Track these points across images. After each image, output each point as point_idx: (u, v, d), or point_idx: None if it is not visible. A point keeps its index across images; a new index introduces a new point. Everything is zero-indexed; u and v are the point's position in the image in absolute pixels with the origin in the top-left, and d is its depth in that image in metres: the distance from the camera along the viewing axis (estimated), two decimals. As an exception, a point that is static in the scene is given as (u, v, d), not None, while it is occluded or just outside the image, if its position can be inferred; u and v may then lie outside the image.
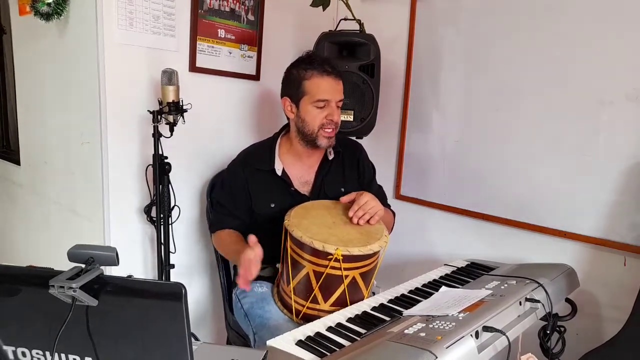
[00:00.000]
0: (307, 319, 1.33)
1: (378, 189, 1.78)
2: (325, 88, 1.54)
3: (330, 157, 1.68)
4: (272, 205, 1.60)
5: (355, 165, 1.73)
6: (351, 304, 1.32)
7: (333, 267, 1.28)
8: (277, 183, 1.62)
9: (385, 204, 1.75)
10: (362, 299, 1.36)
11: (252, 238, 1.39)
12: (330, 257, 1.26)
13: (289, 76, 1.61)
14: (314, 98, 1.54)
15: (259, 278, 1.60)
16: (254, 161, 1.65)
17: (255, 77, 2.08)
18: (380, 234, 1.37)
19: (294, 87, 1.57)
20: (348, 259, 1.27)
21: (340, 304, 1.33)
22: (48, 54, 1.96)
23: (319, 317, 1.28)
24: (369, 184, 1.75)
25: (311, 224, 1.35)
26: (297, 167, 1.65)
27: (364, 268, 1.32)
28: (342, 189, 1.65)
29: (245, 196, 1.62)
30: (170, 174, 1.70)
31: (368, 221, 1.42)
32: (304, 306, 1.35)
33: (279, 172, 1.61)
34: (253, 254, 1.35)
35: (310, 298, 1.33)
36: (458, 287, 1.40)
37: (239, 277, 1.36)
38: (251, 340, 1.47)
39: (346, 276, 1.30)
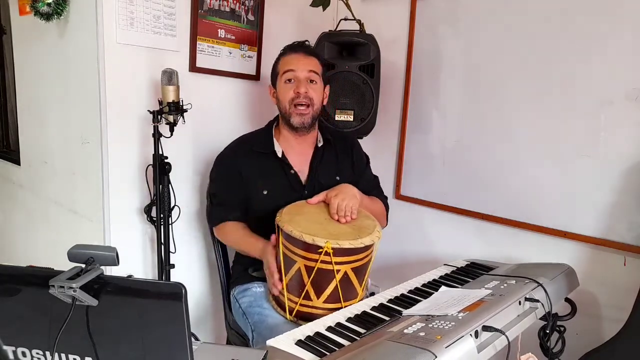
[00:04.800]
0: (301, 316, 1.34)
1: (372, 179, 1.79)
2: (291, 61, 1.59)
3: (320, 144, 1.68)
4: (265, 192, 1.59)
5: (350, 154, 1.73)
6: (345, 301, 1.32)
7: (324, 262, 1.28)
8: (275, 166, 1.62)
9: (379, 193, 1.77)
10: (356, 297, 1.36)
11: (274, 239, 1.43)
12: (321, 250, 1.26)
13: (272, 68, 1.68)
14: (282, 72, 1.59)
15: (256, 279, 1.60)
16: (253, 144, 1.65)
17: (255, 77, 2.09)
18: (372, 228, 1.37)
19: (273, 73, 1.65)
20: (339, 252, 1.28)
21: (334, 300, 1.32)
22: (48, 54, 1.95)
23: (312, 314, 1.29)
24: (362, 173, 1.74)
25: (302, 220, 1.36)
26: (291, 157, 1.65)
27: (355, 263, 1.32)
28: (337, 178, 1.66)
29: (239, 183, 1.62)
30: (170, 174, 1.71)
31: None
32: (296, 303, 1.35)
33: (279, 154, 1.62)
34: (273, 265, 1.40)
35: (303, 294, 1.33)
36: (458, 287, 1.40)
37: (272, 286, 1.40)
38: (249, 338, 1.47)
39: (337, 271, 1.30)
